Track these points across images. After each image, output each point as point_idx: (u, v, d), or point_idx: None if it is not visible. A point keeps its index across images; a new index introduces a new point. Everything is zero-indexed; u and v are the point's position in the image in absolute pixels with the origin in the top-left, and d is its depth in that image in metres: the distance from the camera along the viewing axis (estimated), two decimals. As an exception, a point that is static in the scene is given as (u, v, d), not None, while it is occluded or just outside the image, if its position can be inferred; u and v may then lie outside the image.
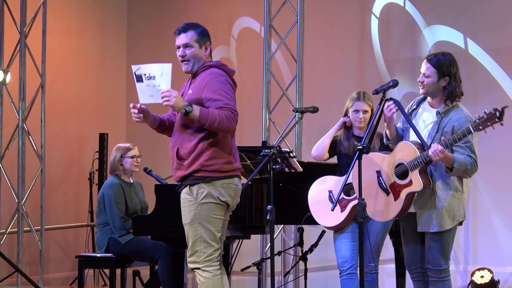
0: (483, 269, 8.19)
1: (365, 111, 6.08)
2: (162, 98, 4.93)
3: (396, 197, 5.28)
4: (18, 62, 9.47)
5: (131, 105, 5.15)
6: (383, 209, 5.31)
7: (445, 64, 5.23)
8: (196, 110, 4.92)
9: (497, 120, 4.87)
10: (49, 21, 9.74)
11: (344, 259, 5.96)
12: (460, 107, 5.24)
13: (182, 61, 5.16)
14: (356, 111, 6.07)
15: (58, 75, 10.51)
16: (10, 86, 9.33)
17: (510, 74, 8.67)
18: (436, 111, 5.26)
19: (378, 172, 5.35)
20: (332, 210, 5.41)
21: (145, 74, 5.10)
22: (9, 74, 9.17)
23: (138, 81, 5.13)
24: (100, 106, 11.13)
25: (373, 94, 5.54)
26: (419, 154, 5.16)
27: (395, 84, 5.26)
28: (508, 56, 8.70)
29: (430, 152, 5.02)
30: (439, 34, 9.04)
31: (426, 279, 5.37)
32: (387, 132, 5.44)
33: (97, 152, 10.31)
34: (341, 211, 5.95)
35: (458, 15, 8.97)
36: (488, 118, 4.89)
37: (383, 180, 5.34)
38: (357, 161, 5.18)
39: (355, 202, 5.62)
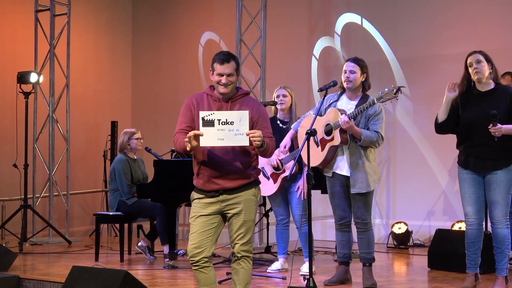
0: (400, 222, 8.29)
1: (284, 95, 6.16)
2: (253, 139, 4.12)
3: (322, 149, 5.26)
4: (48, 67, 9.52)
5: (192, 133, 4.15)
6: (314, 157, 5.23)
7: (364, 65, 5.29)
8: (264, 143, 4.28)
9: (394, 95, 4.87)
10: (72, 36, 9.78)
11: (281, 217, 6.05)
12: (369, 96, 5.29)
13: (225, 85, 4.32)
14: (278, 96, 6.25)
15: (79, 77, 10.52)
16: (42, 85, 9.36)
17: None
18: (357, 99, 5.28)
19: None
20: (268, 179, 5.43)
21: (219, 120, 4.19)
22: (41, 76, 9.08)
23: (206, 125, 4.19)
24: (111, 101, 11.16)
25: (318, 91, 5.53)
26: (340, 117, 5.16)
27: (334, 84, 5.27)
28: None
29: (340, 122, 5.03)
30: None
31: (350, 230, 5.40)
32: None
33: (109, 135, 10.30)
34: (274, 183, 5.91)
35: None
36: (387, 93, 4.90)
37: (316, 136, 5.32)
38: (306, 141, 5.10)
39: (284, 175, 5.69)
